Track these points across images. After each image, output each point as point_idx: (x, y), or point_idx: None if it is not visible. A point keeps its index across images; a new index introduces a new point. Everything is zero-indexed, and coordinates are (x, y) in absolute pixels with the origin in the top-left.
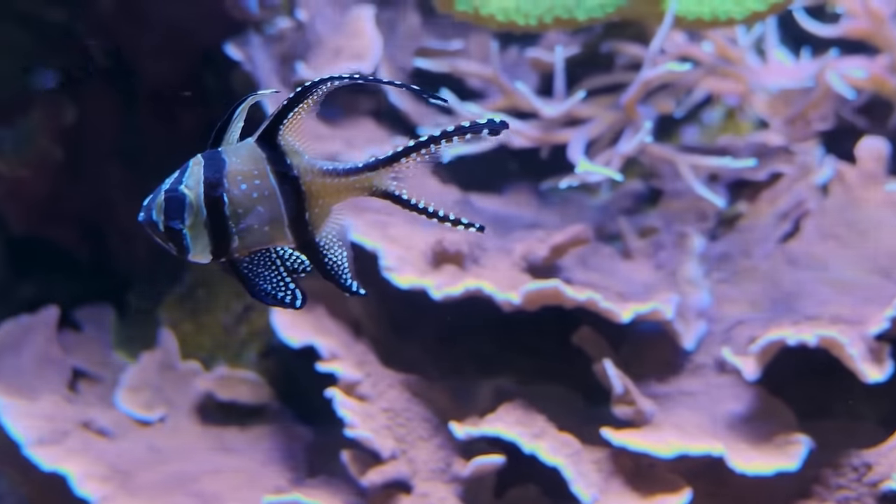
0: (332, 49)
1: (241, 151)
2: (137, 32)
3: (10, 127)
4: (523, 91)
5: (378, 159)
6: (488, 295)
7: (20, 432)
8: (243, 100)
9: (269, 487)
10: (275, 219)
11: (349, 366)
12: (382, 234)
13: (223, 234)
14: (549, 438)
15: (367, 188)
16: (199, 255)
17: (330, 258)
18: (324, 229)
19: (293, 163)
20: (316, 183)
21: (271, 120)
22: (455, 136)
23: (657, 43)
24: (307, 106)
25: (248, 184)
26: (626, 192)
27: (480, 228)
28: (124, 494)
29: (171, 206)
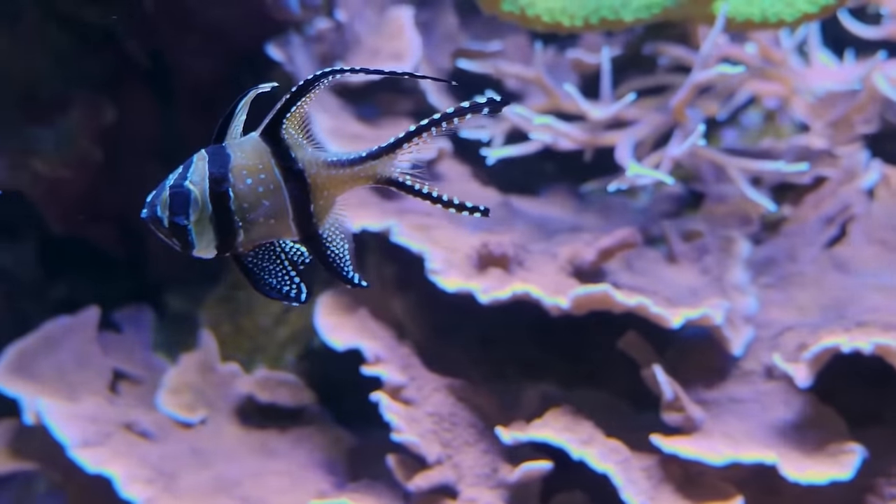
0: (371, 49)
1: (245, 146)
2: (179, 33)
3: (51, 127)
4: (571, 93)
5: (380, 147)
6: (536, 299)
7: (65, 434)
8: (245, 94)
9: (313, 491)
10: (280, 212)
11: (394, 369)
12: (427, 236)
13: (228, 228)
14: (598, 445)
15: (371, 177)
16: (203, 250)
17: (332, 250)
18: (327, 221)
19: (297, 156)
20: (321, 175)
21: (274, 114)
22: (456, 117)
23: (709, 45)
24: (310, 99)
25: (254, 178)
26: (666, 196)
27: (485, 212)
28: (168, 497)
29: (176, 201)
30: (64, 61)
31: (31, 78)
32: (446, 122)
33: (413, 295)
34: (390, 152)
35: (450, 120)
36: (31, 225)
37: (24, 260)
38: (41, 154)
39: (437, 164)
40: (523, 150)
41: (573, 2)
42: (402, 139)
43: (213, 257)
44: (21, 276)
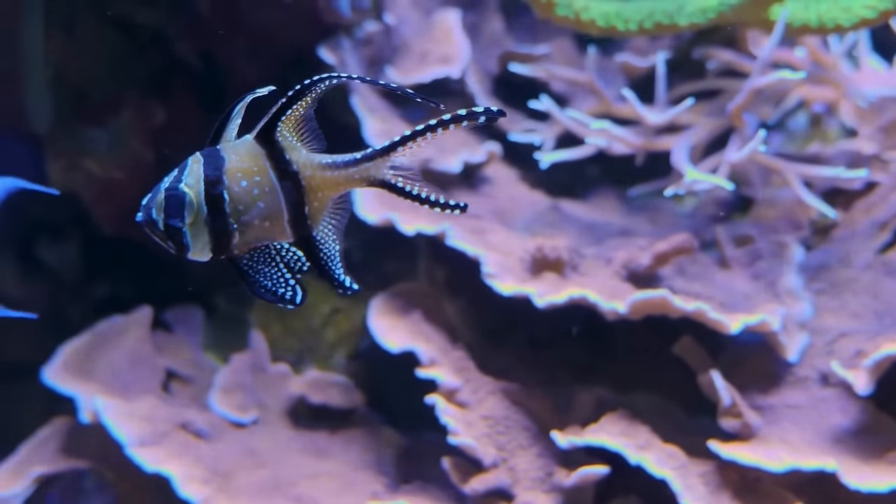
0: (419, 53)
1: (240, 148)
2: (231, 35)
3: (104, 128)
4: (629, 97)
5: (375, 150)
6: (593, 303)
7: (123, 433)
8: (242, 98)
9: (366, 492)
10: (275, 214)
11: (448, 372)
12: (481, 240)
13: (223, 231)
14: (655, 450)
15: (365, 179)
16: (198, 253)
17: (325, 252)
18: (321, 223)
19: (292, 158)
20: (315, 177)
21: (270, 117)
22: (452, 124)
23: (769, 49)
24: (306, 103)
25: (249, 180)
26: (712, 200)
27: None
28: (224, 497)
29: (172, 204)
30: (116, 63)
31: (85, 79)
32: (442, 128)
33: (464, 298)
34: (384, 155)
35: (446, 126)
36: (74, 224)
37: (68, 259)
38: (95, 155)
39: (485, 167)
40: (577, 155)
41: (628, 6)
42: (396, 143)
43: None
44: (64, 276)
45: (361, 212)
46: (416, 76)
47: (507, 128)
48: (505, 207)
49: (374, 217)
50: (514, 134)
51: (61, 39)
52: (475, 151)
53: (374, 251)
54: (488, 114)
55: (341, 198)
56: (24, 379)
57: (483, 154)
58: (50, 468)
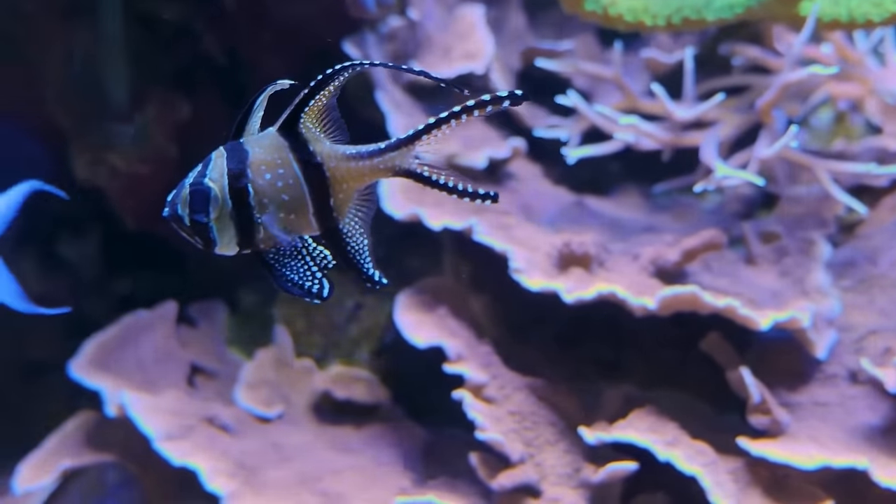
0: (443, 48)
1: (263, 141)
2: (256, 30)
3: (128, 123)
4: (658, 93)
5: (399, 139)
6: (622, 299)
7: (150, 427)
8: (263, 90)
9: (392, 488)
10: (300, 206)
11: (475, 367)
12: (508, 235)
13: (248, 224)
14: (684, 446)
15: (390, 169)
16: (225, 247)
17: (352, 245)
18: (347, 215)
19: (315, 149)
20: (340, 168)
21: (292, 109)
22: (476, 110)
23: (799, 45)
24: (328, 93)
25: (272, 173)
26: (736, 196)
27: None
28: (251, 491)
29: (197, 199)
30: (140, 58)
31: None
32: (466, 115)
33: (489, 293)
34: (409, 144)
35: (470, 112)
36: (97, 220)
37: (88, 254)
38: (119, 149)
39: (510, 163)
40: (604, 150)
41: (656, 1)
42: (420, 131)
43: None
44: (84, 271)
45: (388, 207)
46: (441, 72)
47: (531, 123)
48: (530, 203)
49: (401, 212)
50: (538, 130)
51: (89, 35)
52: (500, 147)
53: (396, 247)
54: (512, 97)
55: (368, 189)
56: (46, 375)
57: (508, 150)
58: (76, 461)
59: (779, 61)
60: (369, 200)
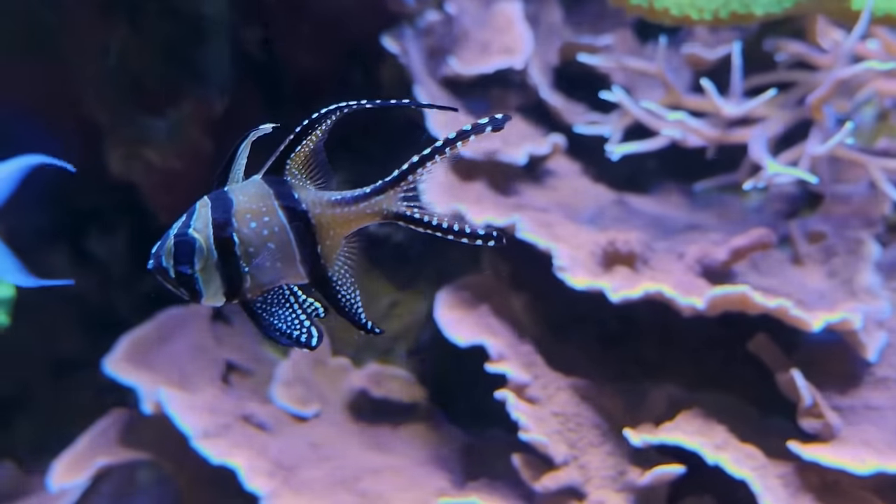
0: (480, 43)
1: (247, 189)
2: (294, 23)
3: (163, 117)
4: (707, 87)
5: (385, 182)
6: (669, 298)
7: (187, 424)
8: (245, 136)
9: (432, 489)
10: (286, 255)
11: (518, 367)
12: (550, 233)
13: (235, 274)
14: (733, 450)
15: (378, 213)
16: (211, 298)
17: (343, 294)
18: (336, 263)
19: (301, 196)
20: (325, 215)
21: (278, 155)
22: (459, 141)
23: (854, 40)
24: (314, 138)
25: (258, 221)
26: (778, 195)
27: (499, 239)
28: (289, 491)
29: (181, 250)
30: (176, 52)
31: (146, 68)
32: (450, 148)
33: (529, 292)
34: (395, 186)
35: (453, 145)
36: (124, 215)
37: (116, 251)
38: (154, 144)
39: (549, 160)
40: (649, 147)
41: None
42: (405, 171)
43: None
44: (113, 267)
45: (428, 199)
46: (479, 66)
47: (570, 120)
48: (569, 200)
49: (441, 208)
50: (578, 126)
51: (126, 28)
52: (540, 144)
53: (431, 244)
54: (494, 123)
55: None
56: (74, 371)
57: (548, 146)
58: (111, 459)
59: (823, 58)
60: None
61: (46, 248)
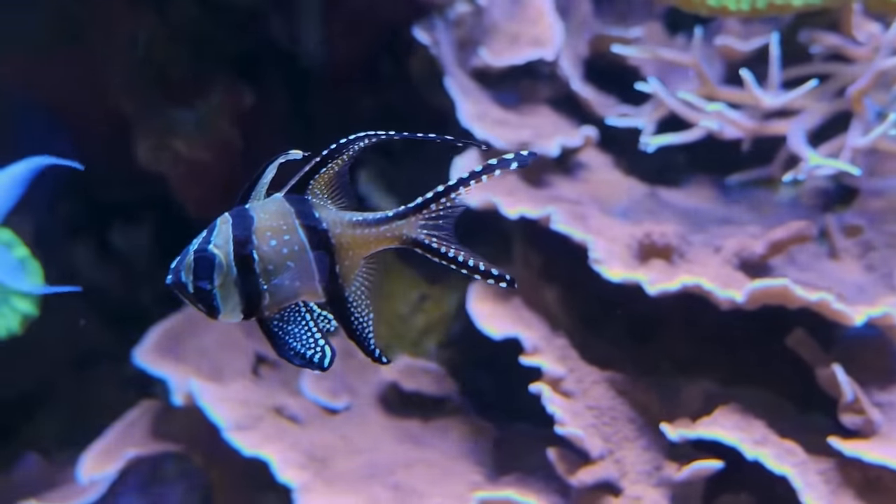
0: (510, 35)
1: (269, 207)
2: (326, 13)
3: (191, 109)
4: (746, 78)
5: (407, 208)
6: (708, 291)
7: (220, 416)
8: (274, 159)
9: (465, 482)
10: (305, 273)
11: (552, 360)
12: (585, 225)
13: (253, 291)
14: (773, 445)
15: (397, 237)
16: (229, 314)
17: (357, 316)
18: (353, 283)
19: (321, 216)
20: (345, 235)
21: (302, 175)
22: (484, 175)
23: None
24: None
25: (278, 239)
26: (812, 189)
27: (511, 283)
28: (322, 483)
29: (201, 266)
30: (205, 43)
31: (174, 59)
32: (474, 181)
33: (560, 284)
34: (417, 213)
35: (478, 178)
36: (149, 208)
37: (140, 244)
38: (182, 135)
39: (580, 153)
40: (686, 138)
41: None
42: (429, 200)
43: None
44: (136, 260)
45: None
46: (510, 58)
47: (601, 113)
48: (601, 193)
49: (476, 200)
50: (610, 118)
51: (154, 19)
52: (572, 136)
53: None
54: (519, 160)
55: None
56: (97, 364)
57: (580, 138)
58: (142, 451)
59: (859, 50)
60: (376, 270)
61: (72, 242)
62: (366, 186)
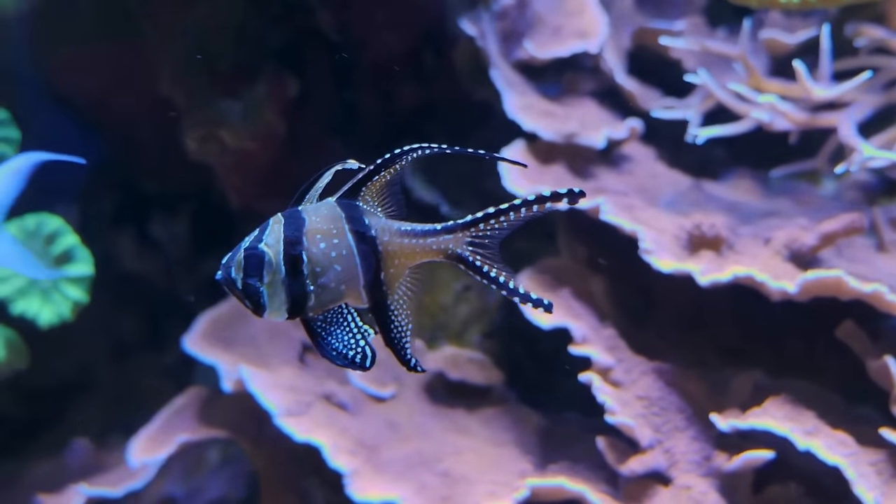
0: (553, 27)
1: (320, 210)
2: (371, 6)
3: (237, 99)
4: (799, 69)
5: (456, 223)
6: (760, 283)
7: (271, 402)
8: (330, 167)
9: (514, 471)
10: (351, 278)
11: (602, 350)
12: (633, 216)
13: (300, 292)
14: (825, 436)
15: (443, 251)
16: (274, 312)
17: (396, 324)
18: (397, 292)
19: (371, 223)
20: (393, 243)
21: (355, 181)
22: (535, 204)
23: None
24: (392, 171)
25: (327, 242)
26: (854, 183)
27: (549, 308)
28: (372, 470)
29: (251, 263)
30: (251, 33)
31: (222, 50)
32: (525, 209)
33: (605, 275)
34: (465, 229)
35: (529, 207)
36: (186, 199)
37: (179, 234)
38: (229, 126)
39: (624, 145)
40: (735, 130)
41: None
42: (478, 219)
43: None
44: (174, 251)
45: (509, 186)
46: (555, 50)
47: (644, 105)
48: (646, 185)
49: (524, 190)
50: (656, 110)
51: (204, 9)
52: (617, 128)
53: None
54: (570, 196)
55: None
56: (136, 355)
57: (625, 130)
58: (192, 436)
59: None
60: (419, 280)
61: (115, 232)
62: (410, 179)
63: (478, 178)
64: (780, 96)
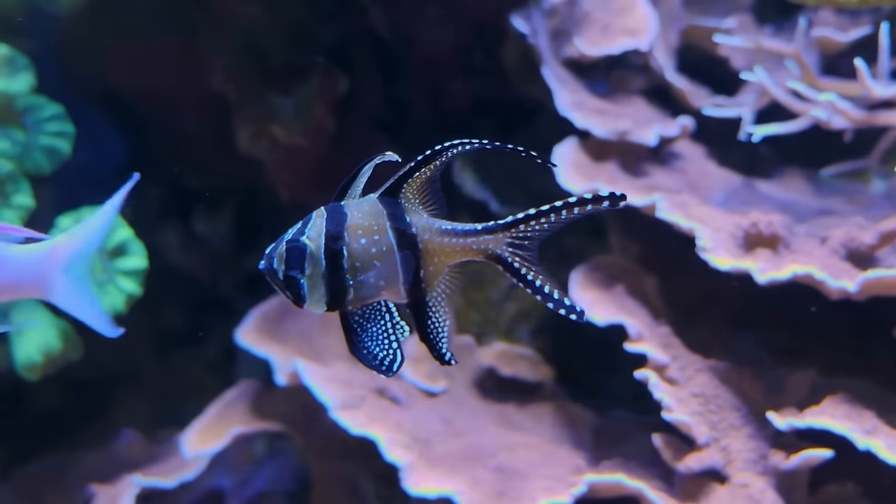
0: (601, 25)
1: (363, 206)
2: (424, 2)
3: (289, 95)
4: (860, 67)
5: (497, 224)
6: (819, 281)
7: (327, 395)
8: (371, 158)
9: (568, 466)
10: (390, 274)
11: (657, 347)
12: (688, 214)
13: (339, 286)
14: (885, 435)
15: (483, 251)
16: (314, 304)
17: (434, 321)
18: (435, 290)
19: (412, 220)
20: (433, 242)
21: (396, 178)
22: (576, 207)
23: None
24: (433, 167)
25: (368, 238)
26: None
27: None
28: (426, 464)
29: (292, 255)
30: (303, 30)
31: (275, 46)
32: (566, 211)
33: (657, 273)
34: (506, 230)
35: (570, 209)
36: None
37: (222, 230)
38: (280, 122)
39: (674, 143)
40: (792, 128)
41: None
42: (519, 220)
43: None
44: (217, 246)
45: (563, 182)
46: (605, 47)
47: (694, 103)
48: (698, 183)
49: (578, 187)
50: (707, 108)
51: (256, 6)
52: (669, 126)
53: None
54: (612, 199)
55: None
56: (177, 347)
57: (677, 128)
58: (246, 428)
59: None
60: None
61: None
62: (460, 176)
63: (527, 175)
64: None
